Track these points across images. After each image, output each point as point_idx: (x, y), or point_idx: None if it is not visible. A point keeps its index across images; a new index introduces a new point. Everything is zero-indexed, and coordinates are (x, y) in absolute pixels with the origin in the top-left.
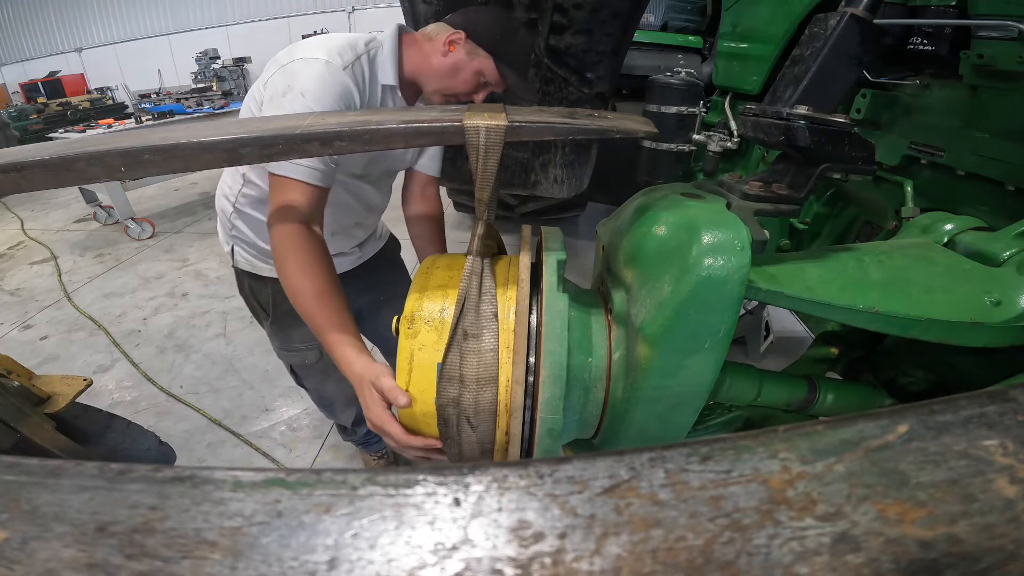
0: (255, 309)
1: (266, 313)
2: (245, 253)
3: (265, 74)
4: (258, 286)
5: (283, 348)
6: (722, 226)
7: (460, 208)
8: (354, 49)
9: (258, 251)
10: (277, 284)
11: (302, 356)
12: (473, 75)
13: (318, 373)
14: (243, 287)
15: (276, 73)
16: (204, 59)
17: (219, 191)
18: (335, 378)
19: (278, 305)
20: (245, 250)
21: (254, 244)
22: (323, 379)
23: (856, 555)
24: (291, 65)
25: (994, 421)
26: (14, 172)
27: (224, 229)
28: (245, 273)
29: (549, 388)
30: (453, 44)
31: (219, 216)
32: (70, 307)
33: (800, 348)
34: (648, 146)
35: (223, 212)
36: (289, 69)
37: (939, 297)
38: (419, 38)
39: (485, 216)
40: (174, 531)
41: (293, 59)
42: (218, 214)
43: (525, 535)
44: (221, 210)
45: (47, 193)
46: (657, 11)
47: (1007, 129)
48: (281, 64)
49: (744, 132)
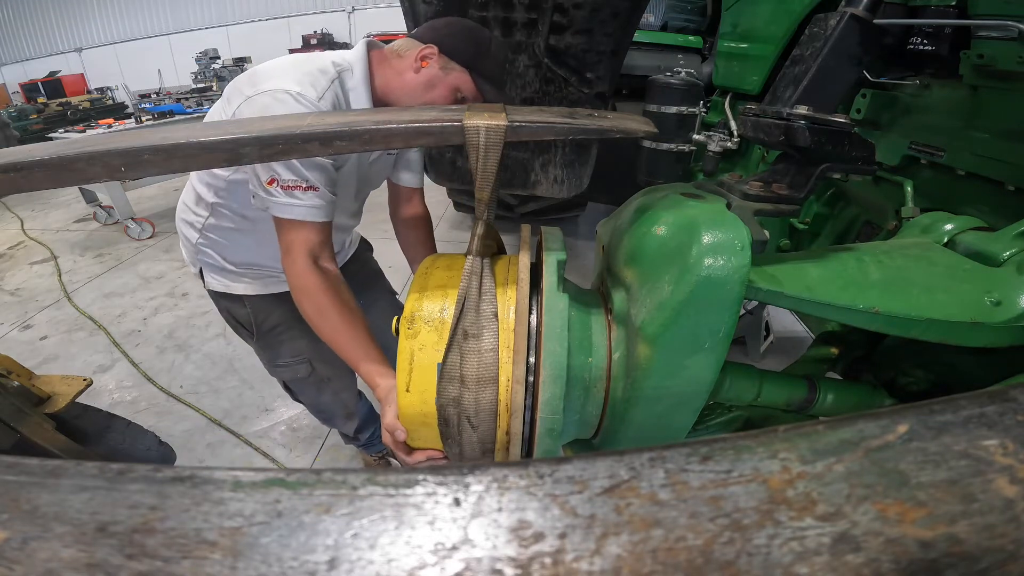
0: (238, 329)
1: (249, 332)
2: (215, 275)
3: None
4: (234, 306)
5: (273, 365)
6: (722, 226)
7: (460, 208)
8: (325, 75)
9: (227, 273)
10: (255, 301)
11: (293, 371)
12: (449, 90)
13: (312, 387)
14: (221, 309)
15: (243, 105)
16: (204, 59)
17: (180, 217)
18: (331, 390)
19: (260, 323)
20: (215, 274)
21: (223, 268)
22: (318, 392)
23: (856, 555)
24: (259, 99)
25: (994, 421)
26: (14, 172)
27: (190, 253)
28: (219, 295)
29: (549, 388)
30: (425, 59)
31: (182, 240)
32: (70, 307)
33: (800, 348)
34: (648, 146)
35: (187, 239)
36: (258, 103)
37: (939, 297)
38: (388, 55)
39: (485, 216)
40: (174, 531)
41: (260, 90)
42: (181, 238)
43: (525, 535)
44: (185, 237)
45: (47, 193)
46: (657, 11)
47: (1007, 129)
48: (246, 96)
49: (744, 132)
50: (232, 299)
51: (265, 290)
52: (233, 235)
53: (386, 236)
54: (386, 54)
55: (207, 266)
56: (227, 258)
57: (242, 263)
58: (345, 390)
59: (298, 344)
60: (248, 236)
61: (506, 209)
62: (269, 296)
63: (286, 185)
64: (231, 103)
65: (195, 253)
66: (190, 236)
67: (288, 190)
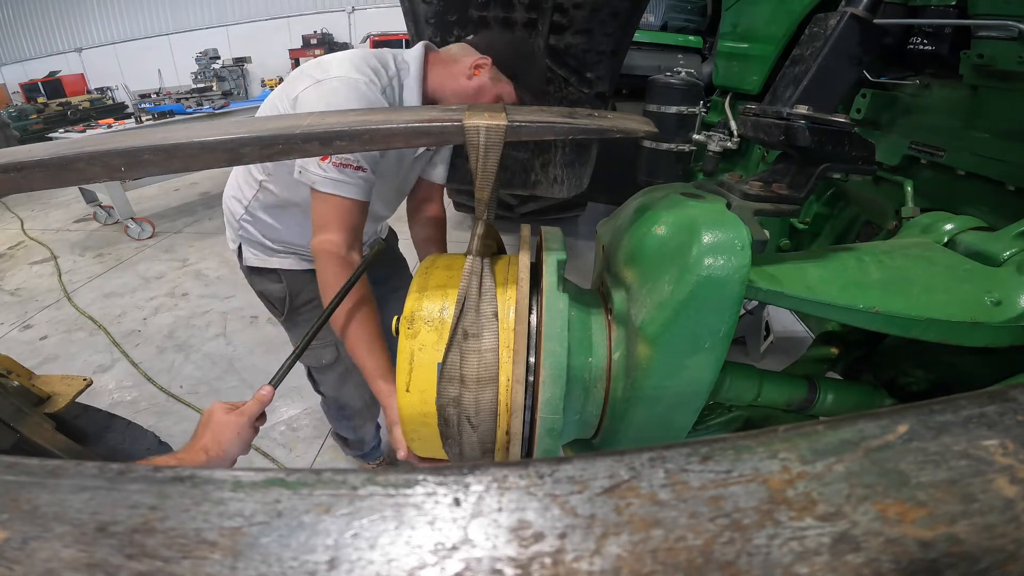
0: (270, 307)
1: (279, 310)
2: (254, 251)
3: (292, 87)
4: (269, 281)
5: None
6: (722, 226)
7: (460, 208)
8: (387, 70)
9: (265, 249)
10: (290, 275)
11: (318, 356)
12: (493, 99)
13: (336, 375)
14: (254, 284)
15: (310, 88)
16: (204, 59)
17: (229, 193)
18: (354, 382)
19: (294, 296)
20: (253, 248)
21: (262, 244)
22: (341, 382)
23: (856, 555)
24: (329, 83)
25: (994, 421)
26: (14, 172)
27: (232, 229)
28: (255, 270)
29: (549, 388)
30: (479, 68)
31: (227, 216)
32: (70, 307)
33: (800, 348)
34: (648, 146)
35: (232, 214)
36: (328, 87)
37: (939, 297)
38: (444, 58)
39: (485, 216)
40: (174, 531)
41: (330, 76)
42: (225, 214)
43: (525, 535)
44: (231, 211)
45: (47, 193)
46: (657, 11)
47: (1007, 129)
48: (316, 79)
49: (744, 132)
50: (268, 273)
51: (299, 265)
52: (276, 212)
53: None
54: (442, 56)
55: (247, 242)
56: (267, 235)
57: (281, 241)
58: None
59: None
60: (290, 216)
61: (506, 209)
62: (304, 272)
63: (338, 162)
64: (295, 86)
65: (237, 228)
66: (235, 211)
67: (340, 167)
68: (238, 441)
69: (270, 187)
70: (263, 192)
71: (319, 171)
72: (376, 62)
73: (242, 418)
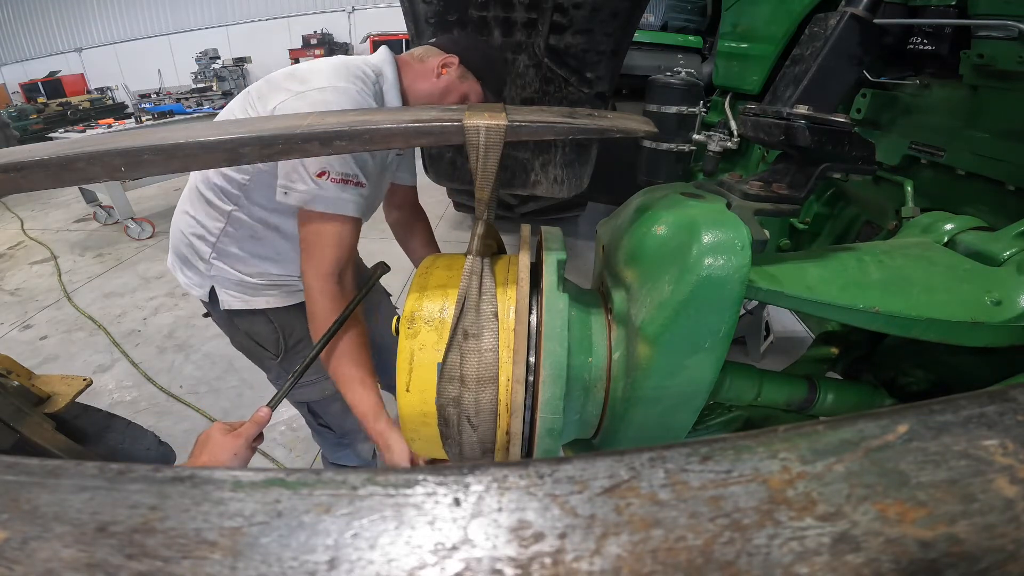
0: (258, 352)
1: (273, 352)
2: (232, 292)
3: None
4: (256, 324)
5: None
6: (722, 226)
7: (460, 208)
8: (368, 76)
9: (246, 288)
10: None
11: (320, 388)
12: (460, 97)
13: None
14: (237, 333)
15: (290, 100)
16: (204, 59)
17: (185, 231)
18: None
19: (288, 336)
20: (230, 291)
21: (241, 283)
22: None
23: (856, 555)
24: (317, 94)
25: (994, 421)
26: (14, 172)
27: (196, 273)
28: (237, 313)
29: (549, 387)
30: (446, 67)
31: (185, 258)
32: (70, 307)
33: (800, 348)
34: (648, 146)
35: (196, 254)
36: (318, 98)
37: (939, 297)
38: (410, 60)
39: (485, 216)
40: (174, 531)
41: (313, 87)
42: (181, 256)
43: (525, 535)
44: (194, 252)
45: (47, 193)
46: (657, 11)
47: (1007, 129)
48: (296, 92)
49: (744, 132)
50: (254, 316)
51: (289, 300)
52: (251, 244)
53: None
54: (407, 59)
55: (222, 283)
56: (245, 271)
57: (261, 274)
58: None
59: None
60: (267, 244)
61: (506, 209)
62: (294, 307)
63: (337, 179)
64: (267, 101)
65: (207, 270)
66: (202, 251)
67: (339, 183)
68: (235, 462)
69: (240, 216)
70: (232, 223)
71: (314, 188)
72: (356, 70)
73: (239, 440)
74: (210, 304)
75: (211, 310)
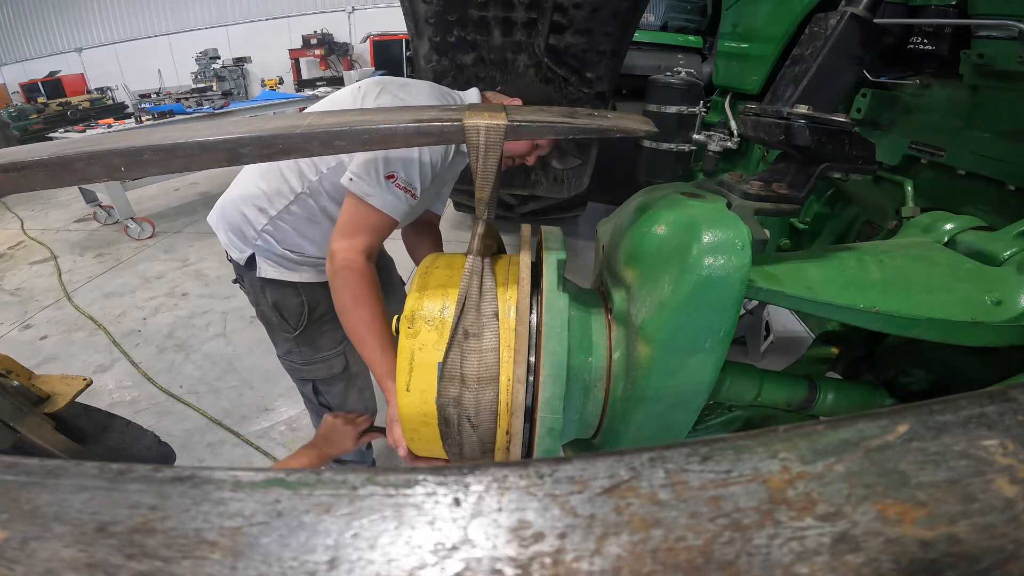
0: (279, 323)
1: (293, 325)
2: (271, 262)
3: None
4: (286, 295)
5: (309, 362)
6: (722, 225)
7: (460, 208)
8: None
9: (286, 261)
10: (310, 288)
11: (329, 366)
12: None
13: (343, 382)
14: (264, 299)
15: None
16: (204, 59)
17: (247, 201)
18: (357, 388)
19: (312, 310)
20: (270, 260)
21: (282, 256)
22: (347, 388)
23: (856, 555)
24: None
25: (994, 421)
26: (14, 172)
27: (241, 239)
28: (271, 282)
29: (550, 387)
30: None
31: (236, 225)
32: (70, 307)
33: (800, 348)
34: (648, 146)
35: (249, 223)
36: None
37: (940, 297)
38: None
39: (485, 215)
40: (174, 531)
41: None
42: (233, 222)
43: (525, 535)
44: (248, 220)
45: (47, 193)
46: (657, 11)
47: (1007, 129)
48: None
49: (744, 132)
50: (285, 287)
51: (320, 278)
52: (305, 225)
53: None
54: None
55: (264, 253)
56: (289, 247)
57: (302, 253)
58: (368, 387)
59: (339, 333)
60: (319, 229)
61: (506, 209)
62: (320, 284)
63: (402, 185)
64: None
65: (253, 239)
66: (255, 221)
67: (400, 189)
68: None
69: (308, 199)
70: (298, 203)
71: (377, 186)
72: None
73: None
74: (244, 268)
75: (243, 274)
